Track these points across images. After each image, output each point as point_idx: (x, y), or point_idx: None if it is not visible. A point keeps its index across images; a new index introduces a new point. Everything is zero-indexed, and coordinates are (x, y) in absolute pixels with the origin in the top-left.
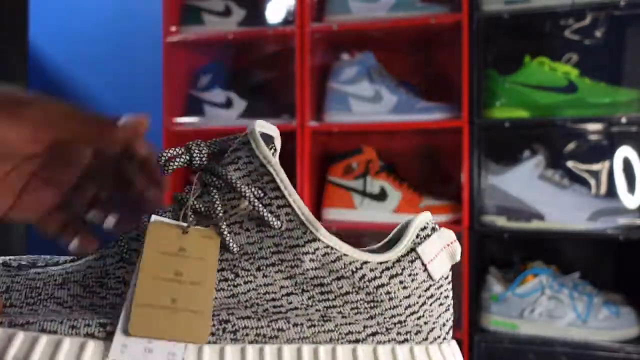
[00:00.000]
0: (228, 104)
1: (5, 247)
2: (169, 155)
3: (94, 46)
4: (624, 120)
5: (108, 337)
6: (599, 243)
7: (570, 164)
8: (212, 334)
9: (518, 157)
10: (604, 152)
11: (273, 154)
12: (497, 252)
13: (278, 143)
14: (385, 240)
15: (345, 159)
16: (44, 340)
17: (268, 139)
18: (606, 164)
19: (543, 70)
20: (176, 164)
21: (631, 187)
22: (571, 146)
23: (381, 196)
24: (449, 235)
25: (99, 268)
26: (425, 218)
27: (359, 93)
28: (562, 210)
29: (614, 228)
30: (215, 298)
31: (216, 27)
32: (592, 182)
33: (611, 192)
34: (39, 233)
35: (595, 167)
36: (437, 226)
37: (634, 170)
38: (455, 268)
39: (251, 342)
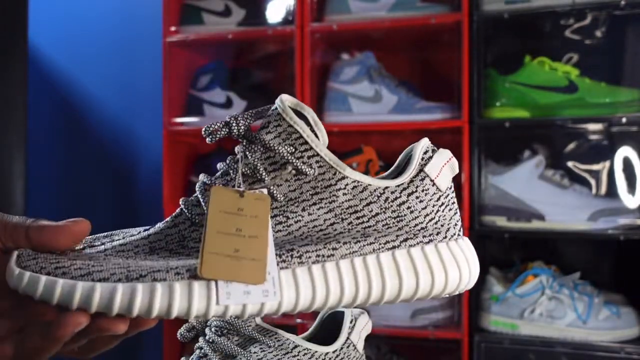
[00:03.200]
0: (228, 104)
1: None
2: (211, 129)
3: (94, 46)
4: (624, 120)
5: (205, 279)
6: (599, 243)
7: (570, 164)
8: (283, 261)
9: (518, 157)
10: (604, 152)
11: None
12: (497, 252)
13: (321, 130)
14: (393, 167)
15: (345, 159)
16: (159, 286)
17: (302, 117)
18: (606, 164)
19: (543, 70)
20: (219, 134)
21: (631, 187)
22: (571, 146)
23: None
24: (447, 153)
25: (176, 234)
26: (425, 143)
27: (359, 93)
28: (563, 210)
29: (614, 228)
30: (276, 237)
31: (216, 27)
32: (593, 182)
33: (611, 192)
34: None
35: (595, 167)
36: (435, 148)
37: (634, 170)
38: None
39: (314, 263)
